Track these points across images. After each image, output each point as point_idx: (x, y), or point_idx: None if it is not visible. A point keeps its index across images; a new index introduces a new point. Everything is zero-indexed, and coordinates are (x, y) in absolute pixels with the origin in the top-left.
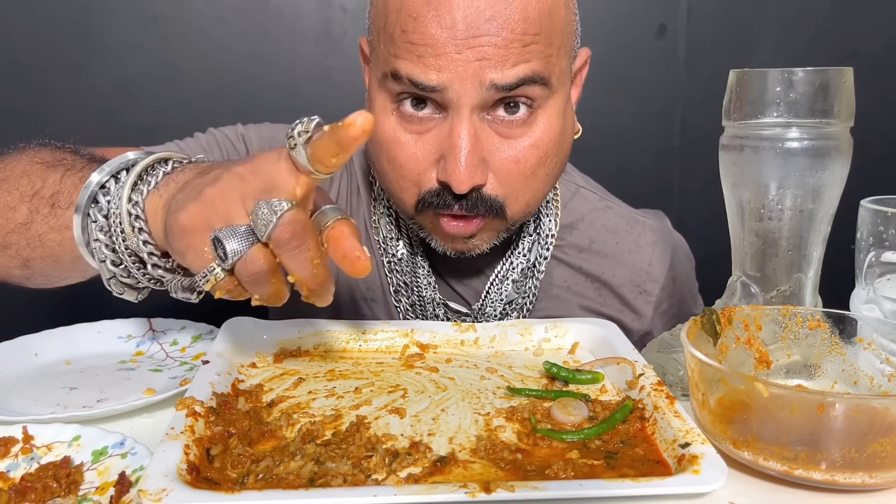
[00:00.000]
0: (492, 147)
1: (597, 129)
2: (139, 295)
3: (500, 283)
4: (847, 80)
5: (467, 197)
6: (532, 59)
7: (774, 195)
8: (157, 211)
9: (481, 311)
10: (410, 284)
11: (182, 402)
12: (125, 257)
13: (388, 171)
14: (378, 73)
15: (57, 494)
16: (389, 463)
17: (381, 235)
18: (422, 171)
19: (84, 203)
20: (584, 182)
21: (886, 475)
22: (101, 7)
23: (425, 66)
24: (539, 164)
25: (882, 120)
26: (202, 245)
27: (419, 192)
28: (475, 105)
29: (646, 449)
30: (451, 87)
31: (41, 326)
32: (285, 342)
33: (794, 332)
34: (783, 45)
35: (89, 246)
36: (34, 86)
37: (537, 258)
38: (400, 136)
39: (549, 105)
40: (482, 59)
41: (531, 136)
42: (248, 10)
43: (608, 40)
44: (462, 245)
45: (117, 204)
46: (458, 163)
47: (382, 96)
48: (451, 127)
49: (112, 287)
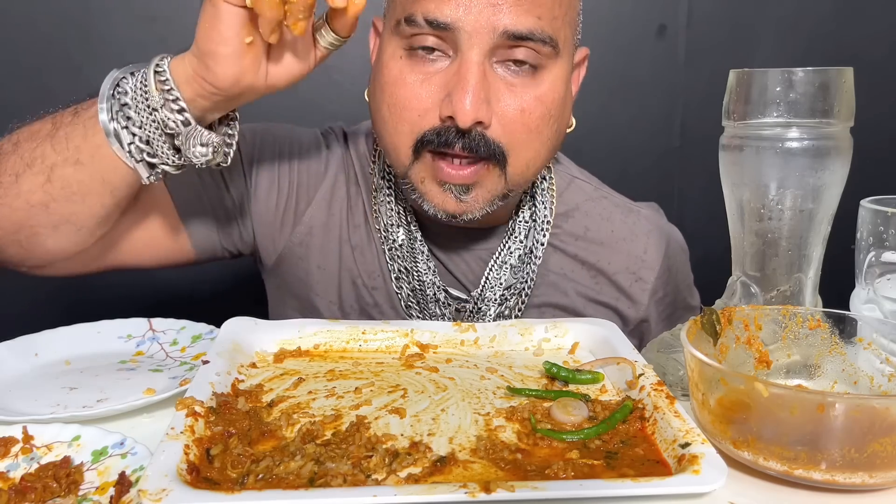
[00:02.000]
0: (498, 93)
1: (597, 130)
2: (151, 175)
3: (499, 269)
4: (847, 80)
5: (470, 135)
6: (542, 15)
7: (774, 195)
8: (180, 62)
9: (481, 297)
10: (411, 270)
11: (182, 402)
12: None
13: (386, 117)
14: (392, 21)
15: (57, 494)
16: (389, 463)
17: (382, 224)
18: (423, 110)
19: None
20: (579, 173)
21: (886, 475)
22: (101, 7)
23: (443, 3)
24: (542, 120)
25: (882, 120)
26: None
27: (419, 133)
28: (486, 49)
29: (646, 449)
30: (464, 28)
31: (41, 326)
32: (285, 342)
33: (794, 332)
34: (783, 45)
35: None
36: (34, 86)
37: (534, 244)
38: (406, 77)
39: (555, 68)
40: (496, 5)
41: (536, 90)
42: None
43: (608, 40)
44: (454, 204)
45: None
46: (465, 94)
47: (393, 42)
48: (461, 64)
49: (133, 155)
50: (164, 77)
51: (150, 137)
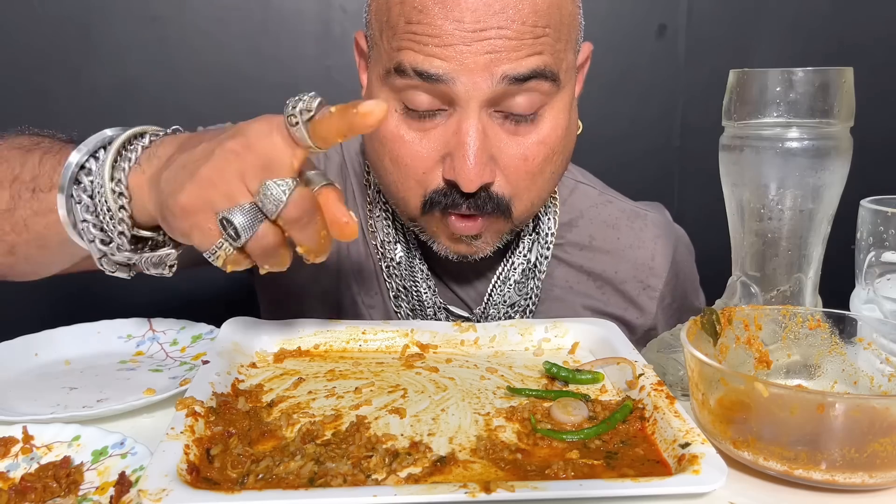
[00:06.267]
0: (500, 144)
1: (597, 129)
2: (131, 272)
3: (503, 285)
4: (847, 80)
5: (476, 195)
6: (543, 51)
7: (774, 195)
8: (141, 187)
9: (483, 315)
10: (410, 289)
11: (182, 402)
12: (114, 235)
13: (390, 171)
14: (380, 69)
15: (57, 494)
16: (389, 463)
17: (379, 240)
18: (427, 169)
19: (66, 184)
20: (582, 177)
21: (886, 475)
22: (101, 7)
23: (431, 55)
24: (546, 161)
25: (882, 120)
26: (207, 223)
27: (425, 193)
28: (484, 100)
29: (646, 449)
30: (458, 79)
31: (41, 326)
32: (285, 342)
33: (794, 332)
34: (783, 45)
35: (76, 227)
36: (34, 86)
37: (538, 258)
38: (404, 134)
39: (556, 101)
40: (492, 52)
41: (538, 133)
42: (248, 11)
43: (608, 40)
44: (466, 248)
45: (101, 183)
46: (466, 160)
47: (384, 93)
48: (459, 123)
49: (104, 266)
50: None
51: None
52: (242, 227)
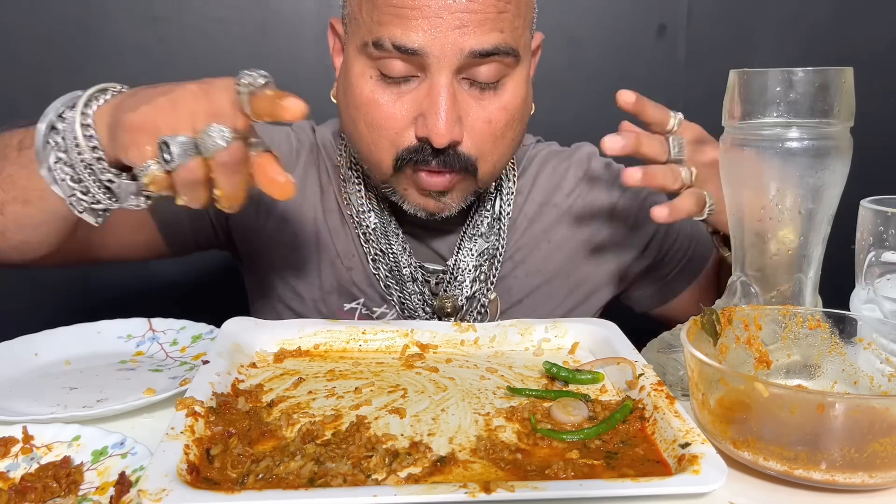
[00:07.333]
0: (467, 108)
1: (596, 129)
2: (98, 218)
3: (470, 240)
4: (847, 80)
5: (444, 152)
6: (504, 28)
7: (774, 195)
8: (104, 115)
9: (456, 266)
10: (386, 252)
11: (182, 402)
12: (83, 173)
13: (364, 135)
14: (357, 41)
15: (57, 494)
16: (389, 463)
17: (353, 209)
18: (400, 129)
19: (44, 130)
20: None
21: (886, 475)
22: (101, 7)
23: (409, 28)
24: (507, 127)
25: (882, 120)
26: (146, 143)
27: (397, 151)
28: (454, 68)
29: (646, 449)
30: (431, 51)
31: (41, 326)
32: (285, 342)
33: (794, 332)
34: (783, 45)
35: (51, 171)
36: (34, 86)
37: (501, 207)
38: (378, 97)
39: (516, 74)
40: (461, 27)
41: (500, 99)
42: (248, 11)
43: (608, 40)
44: (434, 204)
45: (72, 121)
46: (438, 117)
47: (361, 61)
48: (431, 86)
49: (74, 206)
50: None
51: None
52: (178, 153)
